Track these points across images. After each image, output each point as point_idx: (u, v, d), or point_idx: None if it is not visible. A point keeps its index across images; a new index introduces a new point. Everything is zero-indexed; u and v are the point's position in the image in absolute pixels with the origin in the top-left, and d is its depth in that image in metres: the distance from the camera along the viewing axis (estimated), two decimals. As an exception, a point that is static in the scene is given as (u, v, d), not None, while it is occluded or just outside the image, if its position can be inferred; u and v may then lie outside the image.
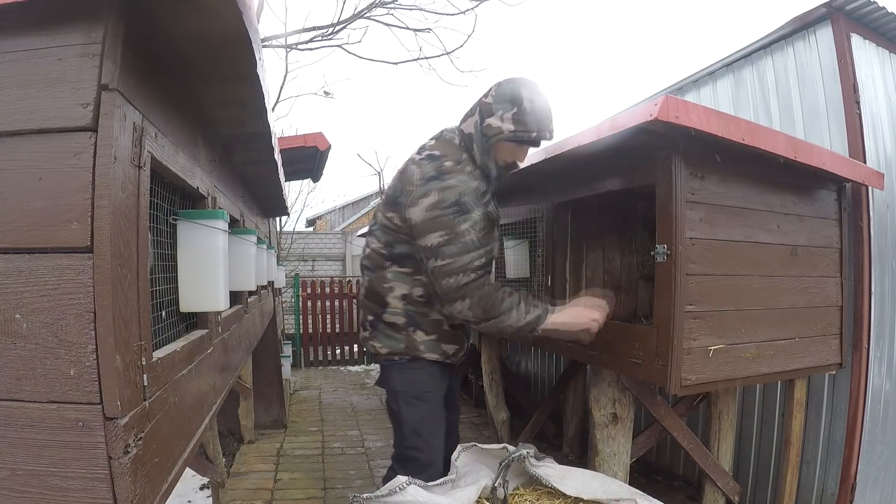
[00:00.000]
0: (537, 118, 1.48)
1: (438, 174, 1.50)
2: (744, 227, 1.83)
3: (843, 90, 2.33)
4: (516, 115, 1.47)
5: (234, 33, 0.91)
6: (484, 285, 1.48)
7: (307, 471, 3.13)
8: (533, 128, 1.48)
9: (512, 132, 1.48)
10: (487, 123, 1.51)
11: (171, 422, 0.97)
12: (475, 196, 1.48)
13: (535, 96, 1.48)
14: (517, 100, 1.47)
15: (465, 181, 1.48)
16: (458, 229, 1.44)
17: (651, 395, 1.99)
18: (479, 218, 1.47)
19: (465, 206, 1.46)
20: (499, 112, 1.49)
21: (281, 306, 5.14)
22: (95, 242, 0.73)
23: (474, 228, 1.46)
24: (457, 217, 1.45)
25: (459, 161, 1.53)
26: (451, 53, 5.28)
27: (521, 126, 1.48)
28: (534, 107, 1.47)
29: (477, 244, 1.47)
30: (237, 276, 1.69)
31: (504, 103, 1.49)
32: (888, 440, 2.36)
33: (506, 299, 1.49)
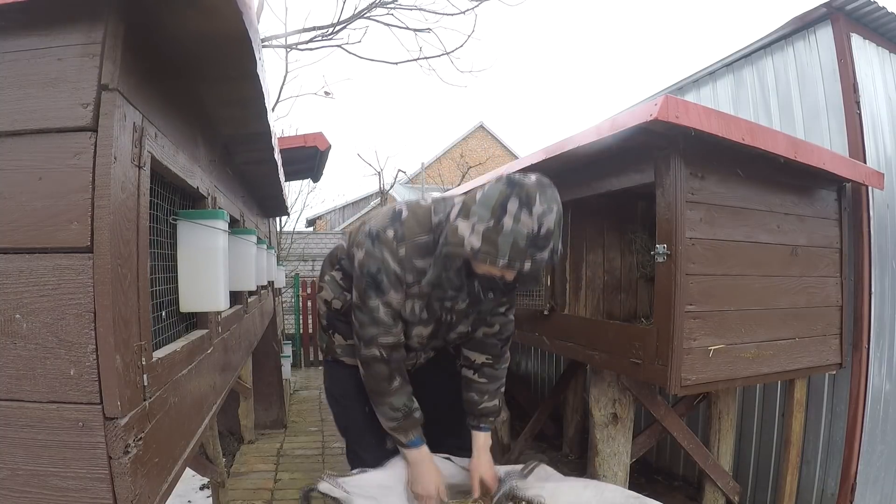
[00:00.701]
0: (514, 243, 1.15)
1: (375, 235, 1.36)
2: (744, 227, 1.83)
3: (843, 90, 2.33)
4: (489, 230, 1.16)
5: (235, 33, 0.91)
6: (385, 378, 1.41)
7: (307, 471, 3.12)
8: (503, 253, 1.15)
9: (473, 250, 1.18)
10: (454, 226, 1.23)
11: (171, 422, 0.97)
12: (394, 280, 1.35)
13: (523, 216, 1.15)
14: (500, 212, 1.16)
15: (389, 261, 1.34)
16: (368, 303, 1.37)
17: (651, 395, 1.99)
18: (392, 300, 1.36)
19: (380, 284, 1.35)
20: (473, 218, 1.19)
21: (281, 306, 5.14)
22: (95, 242, 0.73)
23: (385, 307, 1.36)
24: (368, 289, 1.36)
25: (403, 240, 1.35)
26: (451, 53, 5.30)
27: (487, 246, 1.16)
28: (516, 229, 1.14)
29: (387, 323, 1.37)
30: (237, 276, 1.70)
31: (484, 209, 1.18)
32: (888, 440, 2.36)
33: (385, 400, 1.43)
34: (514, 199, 1.16)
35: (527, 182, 1.19)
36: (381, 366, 1.40)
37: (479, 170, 13.96)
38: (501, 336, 1.58)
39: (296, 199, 8.63)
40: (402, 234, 1.36)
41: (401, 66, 8.76)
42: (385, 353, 1.40)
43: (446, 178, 15.98)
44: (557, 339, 2.28)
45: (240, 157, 1.86)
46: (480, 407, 1.57)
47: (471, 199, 1.24)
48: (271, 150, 1.73)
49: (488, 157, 17.54)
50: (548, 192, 1.19)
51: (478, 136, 20.02)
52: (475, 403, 1.58)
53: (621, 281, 2.60)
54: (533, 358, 4.48)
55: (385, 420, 1.45)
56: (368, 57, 6.44)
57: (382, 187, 12.17)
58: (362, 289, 1.38)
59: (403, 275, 1.36)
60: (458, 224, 1.23)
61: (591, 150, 1.76)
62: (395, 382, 1.42)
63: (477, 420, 1.58)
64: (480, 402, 1.57)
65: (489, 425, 1.58)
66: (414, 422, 1.46)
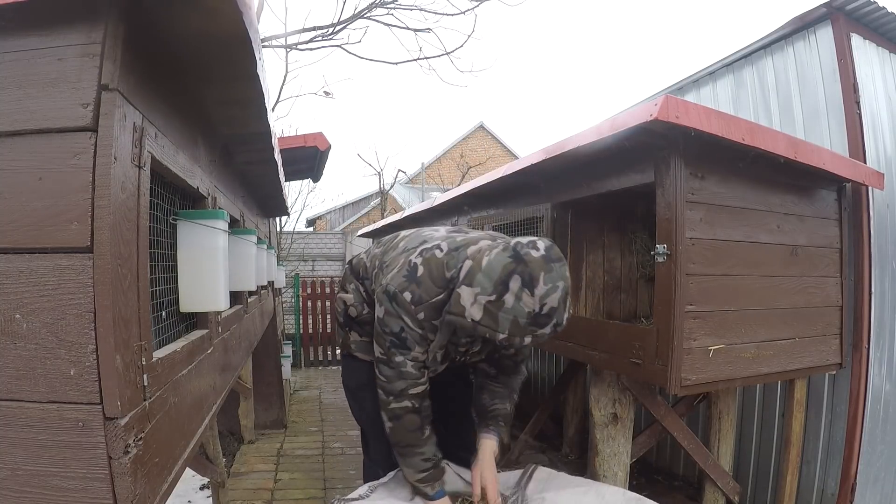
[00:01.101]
0: (514, 321, 1.15)
1: (392, 296, 1.36)
2: (744, 227, 1.83)
3: (843, 90, 2.33)
4: (490, 304, 1.16)
5: (235, 33, 0.91)
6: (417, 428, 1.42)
7: (307, 471, 3.13)
8: (503, 328, 1.16)
9: (474, 322, 1.19)
10: (458, 293, 1.23)
11: (171, 422, 0.97)
12: (418, 338, 1.37)
13: (524, 296, 1.13)
14: (501, 288, 1.15)
15: (411, 323, 1.36)
16: (394, 359, 1.39)
17: (651, 395, 1.99)
18: (419, 356, 1.39)
19: (405, 342, 1.37)
20: (476, 288, 1.18)
21: (281, 306, 5.14)
22: (95, 242, 0.73)
23: (412, 362, 1.39)
24: (393, 348, 1.38)
25: (420, 303, 1.34)
26: (451, 53, 5.30)
27: (488, 320, 1.16)
28: (517, 308, 1.13)
29: (415, 375, 1.39)
30: (237, 276, 1.70)
31: (487, 281, 1.17)
32: (888, 440, 2.36)
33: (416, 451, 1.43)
34: (516, 276, 1.14)
35: (533, 258, 1.15)
36: (414, 416, 1.41)
37: (479, 170, 13.96)
38: (517, 359, 1.61)
39: (296, 199, 8.64)
40: (420, 296, 1.35)
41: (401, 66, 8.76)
42: (416, 402, 1.41)
43: (446, 178, 15.99)
44: (557, 339, 2.28)
45: (240, 157, 1.86)
46: (491, 409, 1.57)
47: (477, 264, 1.23)
48: (271, 150, 1.73)
49: (488, 157, 17.55)
50: (554, 270, 1.15)
51: (478, 136, 20.03)
52: (486, 405, 1.58)
53: (621, 281, 2.60)
54: (533, 358, 4.48)
55: (414, 472, 1.44)
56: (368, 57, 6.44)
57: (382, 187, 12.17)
58: (386, 346, 1.39)
59: (425, 334, 1.38)
60: (462, 291, 1.22)
61: (591, 150, 1.76)
62: (426, 432, 1.44)
63: (486, 422, 1.56)
64: (492, 405, 1.57)
65: (498, 430, 1.56)
66: (441, 472, 1.47)
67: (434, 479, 1.45)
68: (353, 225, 15.54)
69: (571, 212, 2.31)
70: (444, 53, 5.32)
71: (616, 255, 2.58)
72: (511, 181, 2.39)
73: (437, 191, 12.10)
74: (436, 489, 1.46)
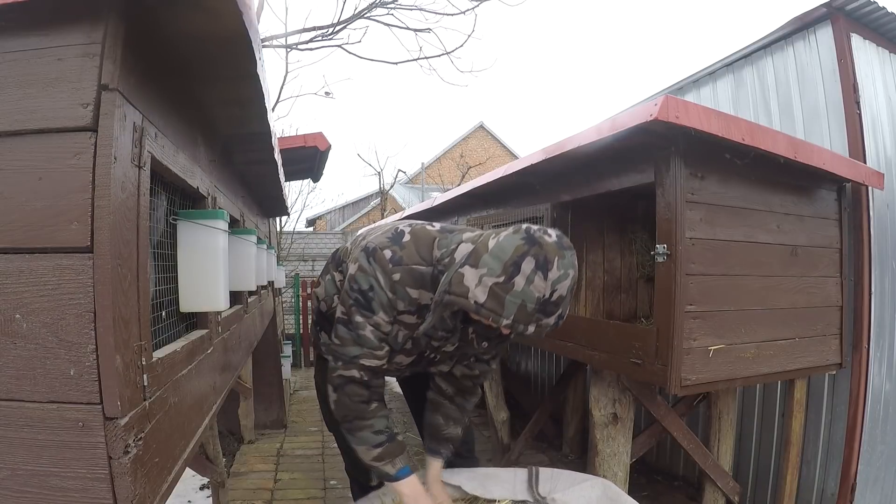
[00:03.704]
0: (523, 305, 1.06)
1: (371, 252, 1.28)
2: (744, 227, 1.83)
3: (843, 90, 2.33)
4: (497, 286, 1.07)
5: (234, 33, 0.91)
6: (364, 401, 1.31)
7: (307, 471, 3.13)
8: (508, 313, 1.06)
9: (477, 304, 1.08)
10: (461, 273, 1.12)
11: (171, 422, 0.97)
12: (385, 303, 1.27)
13: (537, 279, 1.06)
14: (512, 269, 1.06)
15: (382, 284, 1.26)
16: (354, 318, 1.28)
17: (651, 395, 1.99)
18: (381, 322, 1.27)
19: (369, 303, 1.26)
20: (483, 269, 1.09)
21: (281, 306, 5.14)
22: (95, 242, 0.73)
23: (373, 327, 1.27)
24: (356, 306, 1.28)
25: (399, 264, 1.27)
26: (451, 53, 5.31)
27: (493, 303, 1.07)
28: (527, 291, 1.05)
29: (373, 344, 1.28)
30: (237, 276, 1.69)
31: (496, 262, 1.08)
32: (888, 440, 2.36)
33: (364, 424, 1.31)
34: (531, 258, 1.07)
35: (547, 241, 1.09)
36: (359, 388, 1.31)
37: (478, 170, 13.97)
38: (478, 380, 1.54)
39: (296, 199, 8.66)
40: (400, 258, 1.27)
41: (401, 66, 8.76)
42: (366, 375, 1.30)
43: (446, 178, 15.99)
44: (557, 339, 2.28)
45: (240, 157, 1.86)
46: (445, 432, 1.50)
47: (483, 246, 1.13)
48: (271, 150, 1.73)
49: (488, 157, 17.55)
50: (566, 257, 1.09)
51: (478, 136, 20.03)
52: (439, 427, 1.50)
53: (621, 281, 2.60)
54: (533, 358, 4.48)
55: (367, 449, 1.32)
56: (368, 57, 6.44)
57: (382, 187, 12.17)
58: (349, 304, 1.28)
59: (395, 300, 1.27)
60: (465, 272, 1.11)
61: (591, 150, 1.76)
62: (374, 405, 1.33)
63: (437, 444, 1.49)
64: (445, 427, 1.50)
65: (447, 453, 1.50)
66: (399, 447, 1.34)
67: (392, 454, 1.32)
68: (353, 225, 15.56)
69: (571, 212, 2.31)
70: (444, 53, 5.32)
71: (616, 255, 2.58)
72: (511, 181, 2.39)
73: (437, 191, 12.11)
74: (398, 466, 1.32)
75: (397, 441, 1.35)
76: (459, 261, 1.17)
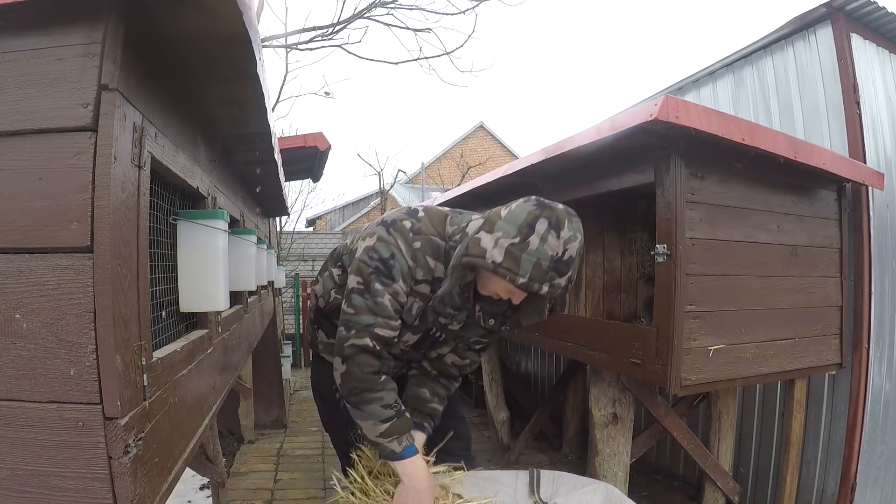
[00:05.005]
0: (538, 264, 1.13)
1: (391, 223, 1.31)
2: (744, 227, 1.83)
3: (843, 90, 2.33)
4: (513, 246, 1.14)
5: (234, 33, 0.91)
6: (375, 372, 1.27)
7: (307, 471, 3.13)
8: (524, 271, 1.13)
9: (494, 264, 1.14)
10: (477, 237, 1.19)
11: (171, 422, 0.97)
12: (405, 271, 1.28)
13: (551, 238, 1.13)
14: (527, 230, 1.14)
15: (403, 252, 1.28)
16: (373, 286, 1.26)
17: (651, 395, 1.99)
18: (400, 291, 1.27)
19: (390, 270, 1.26)
20: (498, 233, 1.16)
21: (281, 306, 5.14)
22: (95, 242, 0.73)
23: (392, 296, 1.26)
24: (376, 274, 1.27)
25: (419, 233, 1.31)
26: (451, 53, 5.30)
27: (509, 262, 1.13)
28: (541, 249, 1.12)
29: (389, 313, 1.26)
30: (237, 276, 1.69)
31: (511, 226, 1.16)
32: (888, 440, 2.36)
33: (374, 396, 1.27)
34: (543, 219, 1.15)
35: (556, 206, 1.18)
36: (370, 358, 1.27)
37: (478, 170, 13.96)
38: (464, 370, 1.55)
39: (296, 199, 8.66)
40: (419, 228, 1.32)
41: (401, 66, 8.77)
42: (378, 345, 1.27)
43: (446, 178, 15.98)
44: (557, 339, 2.28)
45: (240, 157, 1.86)
46: (429, 405, 1.48)
47: (495, 214, 1.21)
48: (271, 150, 1.73)
49: (488, 157, 17.54)
50: (574, 221, 1.17)
51: (478, 136, 20.03)
52: (424, 400, 1.48)
53: (621, 281, 2.60)
54: (533, 358, 4.48)
55: (374, 424, 1.27)
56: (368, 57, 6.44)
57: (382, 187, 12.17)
58: (368, 273, 1.27)
59: (415, 268, 1.29)
60: (482, 236, 1.19)
61: (591, 150, 1.76)
62: (384, 377, 1.30)
63: (420, 418, 1.46)
64: (430, 401, 1.49)
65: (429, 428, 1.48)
66: (406, 423, 1.31)
67: (399, 431, 1.28)
68: (353, 225, 15.56)
69: (571, 212, 2.31)
70: (444, 53, 5.32)
71: (616, 255, 2.58)
72: (511, 181, 2.39)
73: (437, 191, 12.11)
74: (403, 444, 1.28)
75: (405, 417, 1.31)
76: (473, 231, 1.23)
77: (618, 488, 1.59)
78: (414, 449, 1.30)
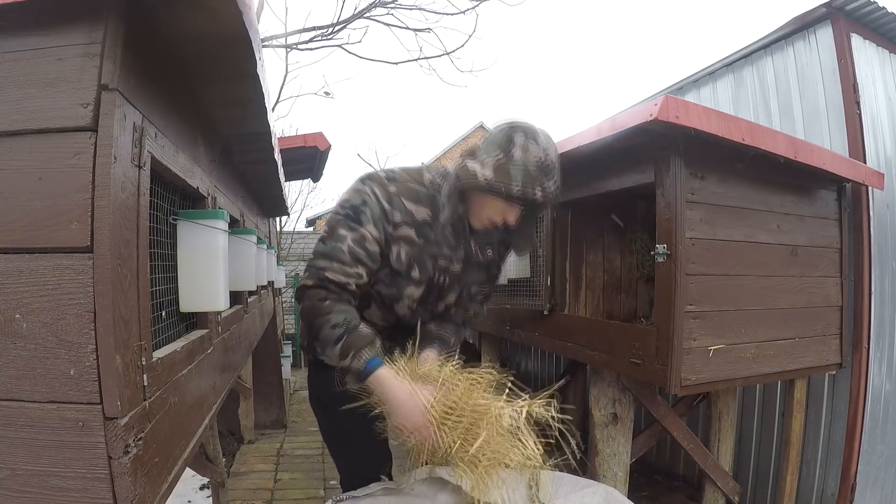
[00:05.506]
0: (524, 171, 1.19)
1: (365, 176, 1.35)
2: (744, 227, 1.83)
3: (843, 90, 2.33)
4: (500, 161, 1.20)
5: (234, 33, 0.91)
6: (318, 300, 1.23)
7: (307, 471, 3.13)
8: (515, 181, 1.19)
9: (487, 180, 1.20)
10: (465, 165, 1.25)
11: (171, 422, 0.97)
12: (378, 215, 1.27)
13: (531, 146, 1.20)
14: (507, 144, 1.21)
15: (377, 195, 1.28)
16: (337, 231, 1.26)
17: (651, 395, 1.99)
18: (368, 236, 1.26)
19: (359, 216, 1.26)
20: (482, 156, 1.24)
21: (281, 306, 5.14)
22: (95, 242, 0.73)
23: (356, 242, 1.25)
24: (344, 220, 1.27)
25: (393, 180, 1.33)
26: (452, 53, 5.29)
27: (500, 176, 1.19)
28: (526, 157, 1.19)
29: (346, 258, 1.24)
30: (237, 276, 1.69)
31: (493, 146, 1.23)
32: (888, 440, 2.36)
33: (327, 329, 1.21)
34: (519, 133, 1.22)
35: (525, 121, 1.27)
36: (318, 290, 1.23)
37: (479, 170, 13.91)
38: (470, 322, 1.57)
39: (296, 199, 8.65)
40: (394, 176, 1.35)
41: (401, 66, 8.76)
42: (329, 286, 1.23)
43: (446, 178, 15.95)
44: (557, 339, 2.28)
45: (240, 157, 1.86)
46: (438, 333, 1.45)
47: (474, 146, 1.30)
48: (271, 150, 1.73)
49: (488, 157, 17.50)
50: (544, 131, 1.26)
51: (478, 136, 20.00)
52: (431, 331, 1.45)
53: (621, 281, 2.60)
54: (533, 358, 4.48)
55: (328, 347, 1.22)
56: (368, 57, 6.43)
57: (382, 187, 12.15)
58: (335, 221, 1.28)
59: (391, 211, 1.29)
60: (468, 163, 1.26)
61: (591, 150, 1.76)
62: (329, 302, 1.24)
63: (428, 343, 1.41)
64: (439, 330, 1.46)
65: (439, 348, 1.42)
66: (363, 338, 1.22)
67: (356, 345, 1.20)
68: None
69: (571, 212, 2.32)
70: (444, 53, 5.31)
71: (616, 255, 2.58)
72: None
73: (437, 191, 12.06)
74: (364, 357, 1.19)
75: (360, 332, 1.22)
76: (458, 165, 1.30)
77: (618, 489, 1.60)
78: (379, 360, 1.21)
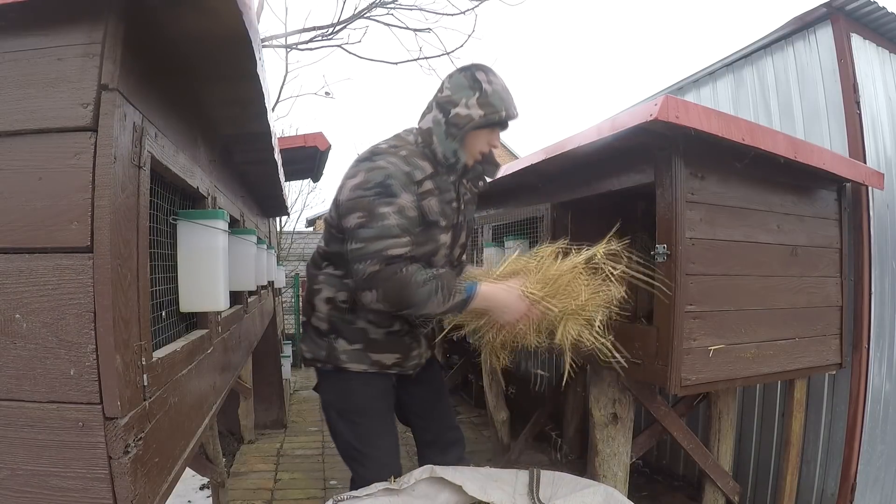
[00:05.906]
0: (500, 97, 1.40)
1: (370, 155, 1.41)
2: (744, 227, 1.83)
3: (843, 90, 2.33)
4: (480, 98, 1.39)
5: (234, 33, 0.91)
6: (394, 275, 1.28)
7: (307, 471, 3.13)
8: (500, 107, 1.40)
9: (482, 117, 1.39)
10: (455, 113, 1.40)
11: (171, 422, 0.97)
12: (405, 181, 1.35)
13: (491, 77, 1.41)
14: (476, 84, 1.40)
15: (396, 164, 1.36)
16: (376, 211, 1.30)
17: (651, 395, 1.99)
18: (406, 204, 1.33)
19: (389, 188, 1.32)
20: (462, 101, 1.40)
21: (281, 306, 5.14)
22: (95, 242, 0.73)
23: (398, 214, 1.31)
24: (377, 199, 1.31)
25: (397, 146, 1.42)
26: (451, 53, 5.29)
27: (488, 108, 1.39)
28: (494, 87, 1.40)
29: (397, 231, 1.30)
30: (237, 276, 1.69)
31: (464, 91, 1.41)
32: (888, 440, 2.36)
33: (421, 288, 1.30)
34: (477, 71, 1.42)
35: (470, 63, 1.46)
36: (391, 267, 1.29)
37: (479, 170, 13.91)
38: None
39: (296, 199, 8.64)
40: (394, 144, 1.44)
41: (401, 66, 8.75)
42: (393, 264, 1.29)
43: (446, 178, 15.93)
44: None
45: (240, 157, 1.86)
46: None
47: (441, 97, 1.45)
48: (271, 150, 1.73)
49: (488, 157, 17.48)
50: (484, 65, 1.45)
51: (478, 136, 19.96)
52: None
53: (621, 281, 2.60)
54: (533, 358, 4.48)
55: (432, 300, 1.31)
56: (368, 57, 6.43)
57: (382, 187, 12.15)
58: (368, 202, 1.31)
59: (412, 172, 1.37)
60: (454, 111, 1.40)
61: (591, 150, 1.76)
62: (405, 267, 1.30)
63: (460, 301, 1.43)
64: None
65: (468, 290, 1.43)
66: (450, 275, 1.42)
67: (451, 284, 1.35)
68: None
69: (571, 212, 2.31)
70: (444, 53, 5.31)
71: (616, 255, 2.58)
72: (511, 181, 2.39)
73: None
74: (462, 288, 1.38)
75: (444, 274, 1.38)
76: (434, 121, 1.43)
77: (618, 489, 1.60)
78: (472, 283, 1.42)
